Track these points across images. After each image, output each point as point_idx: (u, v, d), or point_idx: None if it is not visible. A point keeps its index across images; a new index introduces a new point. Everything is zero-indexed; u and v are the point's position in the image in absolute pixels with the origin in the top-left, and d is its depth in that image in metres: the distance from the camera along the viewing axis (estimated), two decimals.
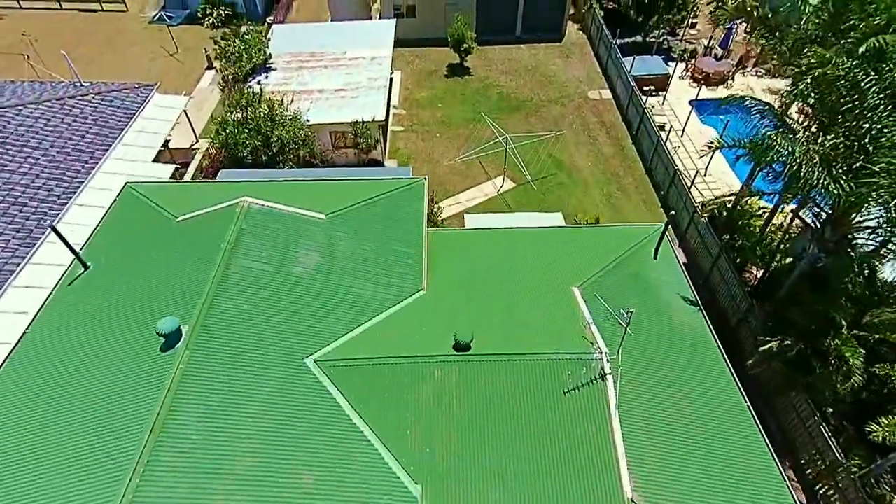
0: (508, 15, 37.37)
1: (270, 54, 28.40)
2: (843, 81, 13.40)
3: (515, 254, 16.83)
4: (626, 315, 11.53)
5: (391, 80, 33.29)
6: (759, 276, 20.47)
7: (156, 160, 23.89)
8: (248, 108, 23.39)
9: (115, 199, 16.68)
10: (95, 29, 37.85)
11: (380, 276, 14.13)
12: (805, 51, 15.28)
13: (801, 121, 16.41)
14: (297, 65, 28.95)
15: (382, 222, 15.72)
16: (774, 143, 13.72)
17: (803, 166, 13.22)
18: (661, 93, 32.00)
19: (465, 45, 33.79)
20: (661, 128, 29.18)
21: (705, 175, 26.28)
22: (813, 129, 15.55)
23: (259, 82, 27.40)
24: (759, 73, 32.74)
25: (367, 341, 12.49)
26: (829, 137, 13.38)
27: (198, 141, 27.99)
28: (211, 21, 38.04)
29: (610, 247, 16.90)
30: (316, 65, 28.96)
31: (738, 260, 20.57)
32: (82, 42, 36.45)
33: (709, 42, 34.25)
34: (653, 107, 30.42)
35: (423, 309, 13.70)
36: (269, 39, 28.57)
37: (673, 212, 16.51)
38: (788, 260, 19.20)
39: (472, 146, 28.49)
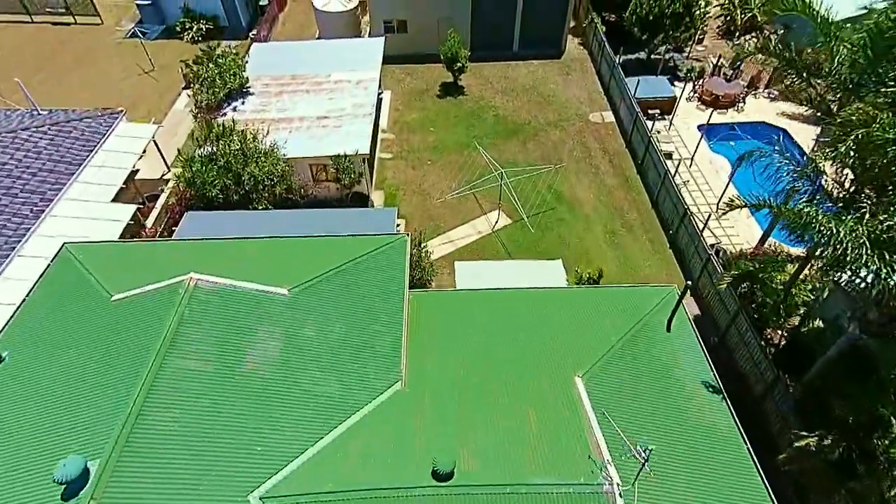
0: (505, 29, 35.05)
1: (248, 78, 26.07)
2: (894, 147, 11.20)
3: (510, 325, 14.62)
4: (643, 452, 9.32)
5: (380, 100, 31.09)
6: (783, 336, 18.25)
7: (118, 197, 21.66)
8: (219, 143, 21.09)
9: (50, 265, 14.40)
10: (67, 43, 35.43)
11: (350, 370, 11.89)
12: (844, 102, 13.07)
13: (838, 179, 14.10)
14: (277, 89, 26.64)
15: (356, 296, 13.46)
16: (812, 220, 11.51)
17: (848, 248, 10.99)
18: (667, 116, 29.73)
19: (458, 64, 31.50)
20: (668, 156, 26.95)
21: (717, 212, 24.01)
22: (854, 194, 13.28)
23: (235, 108, 25.15)
24: (771, 95, 30.48)
25: (328, 464, 10.24)
26: (881, 218, 11.11)
27: (169, 170, 25.65)
28: (191, 36, 35.68)
29: (616, 316, 14.70)
30: (297, 89, 26.64)
31: (759, 317, 18.34)
32: (51, 58, 34.06)
33: (717, 61, 31.97)
34: (658, 133, 28.17)
35: (400, 411, 11.47)
36: (246, 62, 26.21)
37: (689, 282, 14.38)
38: (818, 322, 16.96)
39: (465, 180, 26.20)
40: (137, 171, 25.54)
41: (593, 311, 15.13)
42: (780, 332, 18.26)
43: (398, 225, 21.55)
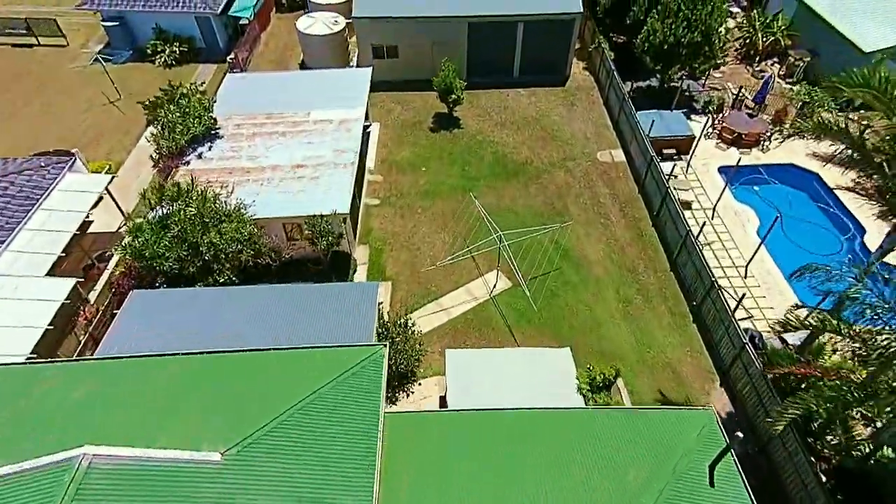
0: (504, 55, 31.93)
1: (215, 119, 22.93)
2: None
3: (507, 467, 11.66)
4: None
5: (367, 134, 28.01)
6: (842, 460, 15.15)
7: (60, 262, 18.62)
8: (174, 205, 18.00)
9: None
10: (27, 69, 32.23)
11: None
12: None
13: None
14: (250, 130, 23.51)
15: (315, 450, 10.41)
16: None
17: None
18: (683, 157, 26.64)
19: (453, 96, 28.37)
20: (687, 206, 23.90)
21: (745, 276, 20.99)
22: None
23: (201, 154, 22.04)
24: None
25: None
26: None
27: (127, 221, 22.52)
28: (163, 59, 32.49)
29: (642, 457, 11.71)
30: (272, 130, 23.51)
31: (809, 428, 15.30)
32: (9, 86, 30.86)
33: (738, 92, 28.84)
34: (675, 177, 25.08)
35: None
36: (213, 102, 23.04)
37: (739, 434, 11.51)
38: (890, 452, 13.92)
39: (459, 235, 23.14)
40: (91, 221, 22.57)
41: (612, 446, 12.13)
42: (840, 456, 15.12)
43: (380, 303, 18.47)
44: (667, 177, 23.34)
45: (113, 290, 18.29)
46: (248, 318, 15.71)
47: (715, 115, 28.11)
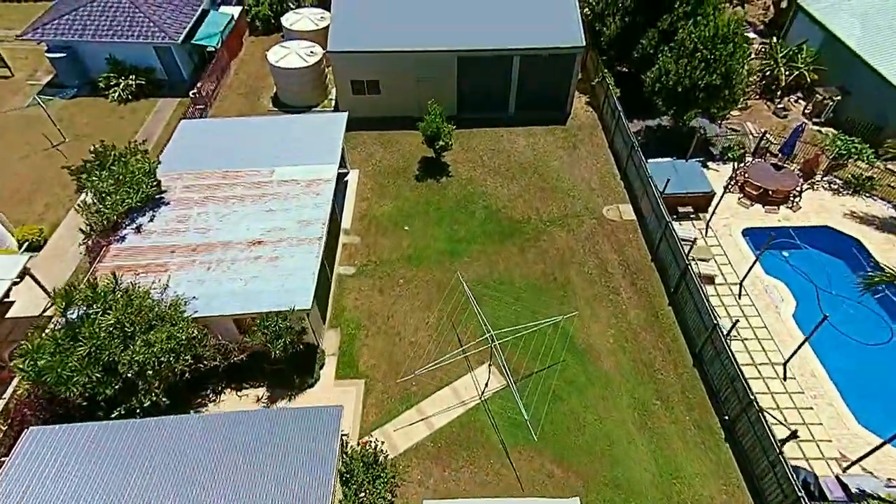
0: (498, 89, 28.31)
1: (160, 181, 19.24)
2: None
3: None
4: None
5: (344, 183, 24.41)
6: None
7: None
8: (89, 310, 14.34)
9: None
10: None
11: None
12: None
13: None
14: (202, 193, 19.82)
15: None
16: None
17: None
18: (702, 215, 23.13)
19: (440, 143, 24.74)
20: (710, 281, 20.38)
21: (785, 378, 17.48)
22: None
23: (139, 227, 18.36)
24: (833, 186, 23.85)
25: None
26: None
27: (53, 303, 18.80)
28: (118, 94, 28.67)
29: None
30: (229, 193, 19.83)
31: None
32: None
33: (762, 138, 25.27)
34: (694, 242, 21.51)
35: None
36: (157, 164, 19.31)
37: None
38: None
39: (442, 324, 19.55)
40: (11, 302, 18.91)
41: None
42: None
43: (345, 434, 14.91)
44: (685, 247, 19.78)
45: (11, 421, 14.51)
46: (177, 458, 12.14)
47: (736, 167, 24.58)
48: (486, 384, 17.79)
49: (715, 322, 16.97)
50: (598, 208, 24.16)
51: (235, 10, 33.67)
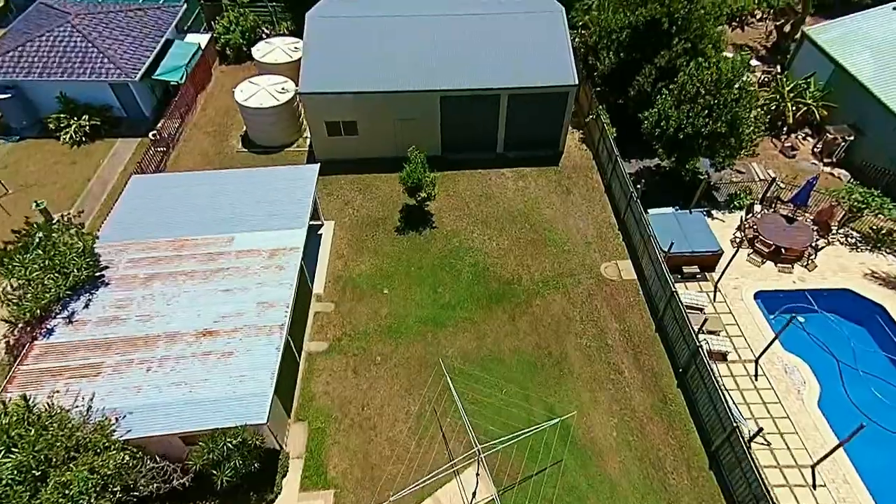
0: (486, 129, 25.82)
1: (97, 259, 16.53)
2: None
3: None
4: None
5: (319, 236, 21.86)
6: None
7: None
8: None
9: None
10: None
11: None
12: None
13: None
14: (149, 269, 17.14)
15: None
16: None
17: None
18: (709, 275, 20.76)
19: (422, 194, 22.22)
20: (723, 358, 17.99)
21: (815, 486, 15.10)
22: None
23: (72, 316, 15.66)
24: (852, 240, 21.54)
25: None
26: None
27: None
28: (70, 136, 25.84)
29: None
30: (179, 269, 17.17)
31: None
32: None
33: (770, 185, 22.93)
34: (701, 311, 19.14)
35: None
36: (94, 239, 16.63)
37: None
38: None
39: (427, 415, 17.02)
40: None
41: None
42: None
43: None
44: (693, 319, 17.41)
45: None
46: None
47: (744, 217, 22.24)
48: (474, 494, 15.29)
49: (735, 425, 14.55)
50: (596, 265, 21.72)
51: (203, 39, 30.89)
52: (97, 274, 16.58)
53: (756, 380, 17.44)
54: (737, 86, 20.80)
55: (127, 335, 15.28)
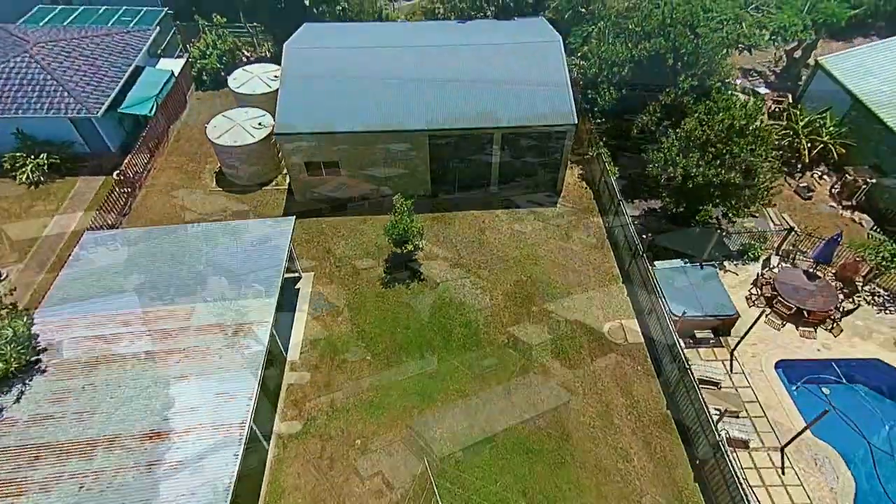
0: (479, 166, 23.56)
1: (32, 344, 14.17)
2: None
3: None
4: None
5: (296, 292, 19.59)
6: None
7: None
8: None
9: None
10: None
11: None
12: None
13: None
14: (93, 351, 14.79)
15: None
16: None
17: None
18: (723, 340, 18.57)
19: (408, 247, 19.95)
20: (744, 446, 15.78)
21: None
22: None
23: None
24: (880, 299, 19.38)
25: None
26: None
27: None
28: (27, 175, 23.41)
29: None
30: (128, 349, 14.82)
31: None
32: None
33: (788, 234, 20.73)
34: (717, 385, 16.97)
35: None
36: (30, 324, 14.27)
37: None
38: None
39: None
40: None
41: None
42: None
43: None
44: (710, 406, 15.24)
45: None
46: None
47: (761, 272, 20.06)
48: None
49: None
50: (599, 325, 19.49)
51: (178, 64, 28.46)
52: (33, 359, 14.21)
53: (783, 473, 15.24)
54: (751, 128, 18.64)
55: (61, 439, 12.94)
